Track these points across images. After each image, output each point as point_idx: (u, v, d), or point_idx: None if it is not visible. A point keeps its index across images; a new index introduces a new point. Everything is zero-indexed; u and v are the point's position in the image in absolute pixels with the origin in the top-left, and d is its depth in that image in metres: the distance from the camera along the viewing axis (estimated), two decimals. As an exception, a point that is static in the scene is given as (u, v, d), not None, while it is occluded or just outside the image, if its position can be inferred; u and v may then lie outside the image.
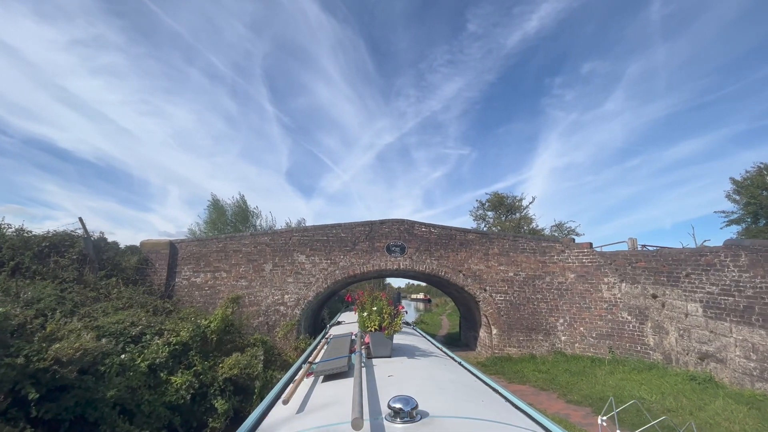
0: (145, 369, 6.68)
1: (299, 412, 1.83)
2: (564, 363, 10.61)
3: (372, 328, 3.02)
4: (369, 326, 3.04)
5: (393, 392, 1.66)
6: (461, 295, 13.79)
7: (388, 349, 2.96)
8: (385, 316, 3.03)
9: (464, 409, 1.71)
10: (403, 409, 1.43)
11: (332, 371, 2.40)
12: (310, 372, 2.57)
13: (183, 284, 11.59)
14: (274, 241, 12.14)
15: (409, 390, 1.73)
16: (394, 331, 3.02)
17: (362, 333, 3.17)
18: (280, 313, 11.68)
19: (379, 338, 2.96)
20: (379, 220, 12.67)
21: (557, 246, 12.32)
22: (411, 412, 1.44)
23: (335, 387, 2.18)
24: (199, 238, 12.08)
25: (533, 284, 12.16)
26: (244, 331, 10.37)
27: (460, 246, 12.53)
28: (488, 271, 12.33)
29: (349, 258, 12.21)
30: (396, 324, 3.05)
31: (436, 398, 1.81)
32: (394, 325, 3.03)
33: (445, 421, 1.47)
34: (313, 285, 11.91)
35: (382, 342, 2.96)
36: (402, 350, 3.21)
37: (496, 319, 11.93)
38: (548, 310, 11.96)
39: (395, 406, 1.45)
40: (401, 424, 1.43)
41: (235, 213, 23.53)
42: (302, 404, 1.94)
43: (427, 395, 1.79)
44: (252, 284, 11.78)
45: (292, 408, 1.91)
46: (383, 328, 2.99)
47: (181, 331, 7.67)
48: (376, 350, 2.94)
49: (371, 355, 2.92)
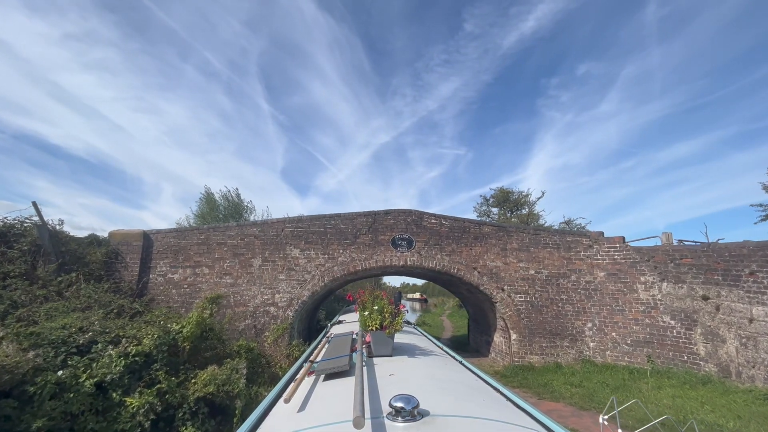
0: (92, 388, 5.21)
1: (300, 411, 1.78)
2: (596, 374, 9.23)
3: (373, 327, 2.99)
4: (370, 325, 3.01)
5: (394, 391, 1.63)
6: (473, 296, 12.39)
7: (389, 348, 2.93)
8: (386, 315, 3.01)
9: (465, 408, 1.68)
10: (405, 408, 1.42)
11: (333, 370, 2.37)
12: (311, 371, 2.54)
13: (158, 281, 10.07)
14: (264, 233, 10.66)
15: (410, 389, 1.72)
16: (395, 330, 2.99)
17: (363, 332, 3.14)
18: (270, 315, 10.20)
19: (380, 337, 2.93)
20: (383, 210, 11.23)
21: (584, 240, 10.96)
22: (412, 411, 1.43)
23: (336, 386, 2.14)
24: (177, 229, 10.58)
25: (557, 283, 10.79)
26: (226, 337, 8.90)
27: (474, 240, 11.12)
28: (506, 268, 10.94)
29: (349, 252, 10.76)
30: (397, 323, 3.02)
31: (437, 397, 1.79)
32: (395, 325, 3.00)
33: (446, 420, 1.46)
34: (308, 283, 10.44)
35: (383, 341, 2.93)
36: (403, 349, 3.19)
37: (515, 322, 10.54)
38: (574, 313, 10.59)
39: (396, 405, 1.44)
40: (402, 422, 1.41)
41: (228, 207, 21.95)
42: (303, 403, 1.90)
43: (428, 394, 1.78)
44: (238, 282, 10.30)
45: (293, 407, 1.87)
46: (384, 327, 2.96)
47: (145, 338, 6.19)
48: (377, 349, 2.91)
49: (372, 354, 2.89)
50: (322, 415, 1.68)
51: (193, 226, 10.48)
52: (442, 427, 1.40)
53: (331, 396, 1.99)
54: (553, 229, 11.13)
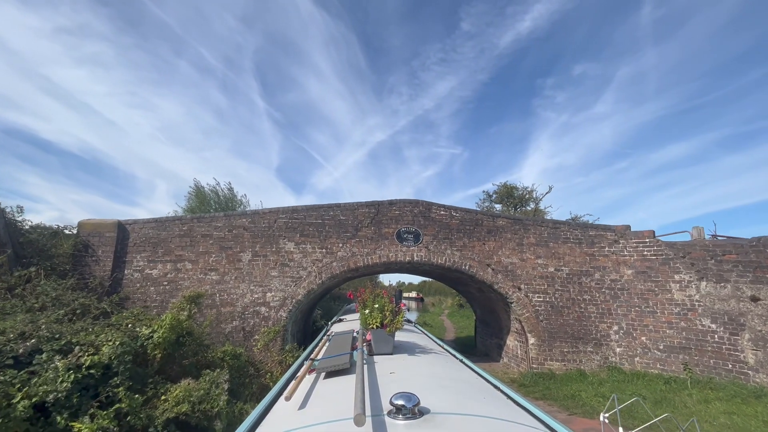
0: (28, 411, 4.11)
1: (301, 409, 1.77)
2: (627, 383, 8.24)
3: (374, 325, 2.96)
4: (371, 323, 2.98)
5: (395, 389, 1.63)
6: (483, 296, 11.37)
7: (389, 346, 2.89)
8: (386, 313, 2.99)
9: (466, 406, 1.68)
10: (405, 406, 1.42)
11: (334, 368, 2.34)
12: (312, 369, 2.52)
13: (134, 277, 8.93)
14: (255, 225, 9.55)
15: (410, 387, 1.69)
16: (395, 328, 2.96)
17: (364, 330, 3.12)
18: (261, 316, 9.10)
19: (381, 335, 2.90)
20: (387, 201, 10.16)
21: (608, 235, 9.96)
22: (413, 409, 1.43)
23: (337, 384, 2.13)
24: (157, 219, 9.46)
25: (579, 282, 9.79)
26: (210, 341, 7.80)
27: (487, 234, 10.09)
28: (523, 265, 9.92)
29: (349, 247, 9.68)
30: (398, 321, 2.99)
31: (437, 395, 1.78)
32: (395, 323, 2.97)
33: (446, 418, 1.46)
34: (303, 280, 9.35)
35: (384, 339, 2.90)
36: (404, 347, 3.16)
37: (533, 325, 9.53)
38: (599, 315, 9.59)
39: (397, 403, 1.43)
40: (403, 420, 1.41)
41: (220, 201, 20.65)
42: (304, 401, 1.89)
43: (428, 392, 1.77)
44: (225, 278, 9.18)
45: (294, 404, 1.86)
46: (385, 326, 2.93)
47: (104, 345, 5.08)
48: (377, 347, 2.88)
49: (373, 352, 2.86)
50: (322, 412, 1.66)
51: (175, 216, 9.36)
52: (442, 424, 1.40)
53: (332, 394, 1.96)
54: (574, 222, 10.15)
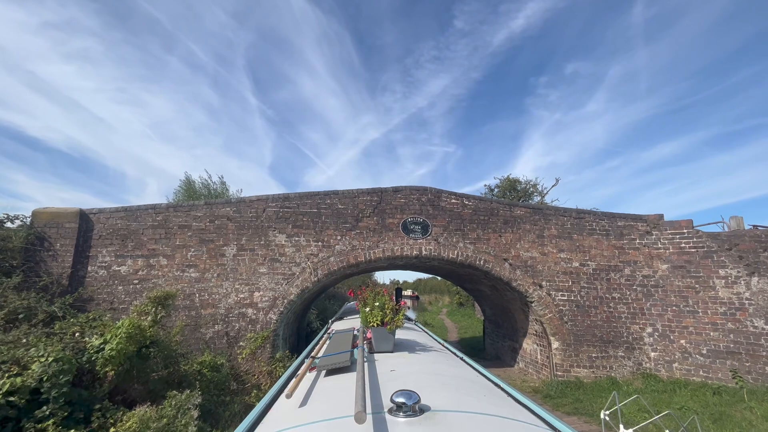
0: None
1: (302, 406, 1.77)
2: (669, 394, 7.19)
3: (374, 323, 2.94)
4: (371, 321, 2.96)
5: (395, 387, 1.63)
6: (497, 294, 10.27)
7: (390, 344, 2.89)
8: (387, 311, 2.98)
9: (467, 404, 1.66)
10: (406, 404, 1.41)
11: (335, 366, 2.33)
12: (312, 366, 2.52)
13: (99, 275, 7.68)
14: (241, 215, 8.34)
15: (411, 384, 1.72)
16: (396, 326, 2.94)
17: (364, 328, 3.12)
18: (248, 319, 7.91)
19: (382, 333, 2.89)
20: (392, 188, 9.01)
21: (639, 225, 8.91)
22: (413, 407, 1.42)
23: (338, 381, 2.13)
24: (126, 207, 8.21)
25: (607, 278, 8.73)
26: (187, 348, 6.62)
27: (504, 225, 8.98)
28: (544, 259, 8.83)
29: (349, 239, 8.51)
30: (398, 319, 2.97)
31: (438, 393, 1.78)
32: (396, 321, 2.95)
33: (447, 416, 1.46)
34: (296, 277, 8.17)
35: (385, 337, 2.89)
36: (404, 345, 3.15)
37: (557, 327, 8.45)
38: (630, 315, 8.54)
39: (398, 401, 1.43)
40: (404, 418, 1.40)
41: (210, 196, 19.26)
42: (305, 398, 1.88)
43: (429, 390, 1.77)
44: (206, 276, 7.97)
45: (295, 402, 1.85)
46: (385, 324, 2.92)
47: (34, 362, 3.88)
48: (378, 345, 2.87)
49: (373, 350, 2.86)
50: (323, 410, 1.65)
51: (148, 205, 8.13)
52: (443, 422, 1.39)
53: (333, 391, 1.94)
54: (600, 212, 9.08)
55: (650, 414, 5.82)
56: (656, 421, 3.76)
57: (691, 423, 5.23)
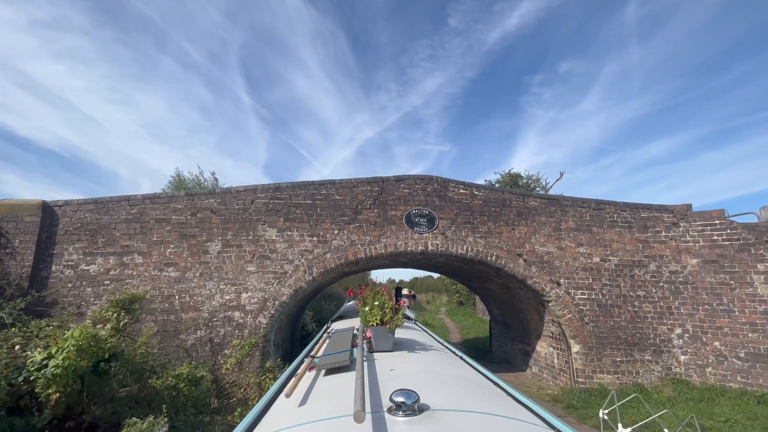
0: None
1: (301, 405, 1.75)
2: (707, 403, 6.45)
3: (374, 322, 2.91)
4: (371, 321, 2.93)
5: (395, 386, 1.60)
6: (508, 293, 9.49)
7: (389, 344, 2.85)
8: (386, 310, 2.95)
9: (466, 403, 1.65)
10: (405, 403, 1.39)
11: (334, 365, 2.30)
12: (312, 366, 2.49)
13: (65, 275, 6.80)
14: (226, 207, 7.48)
15: (410, 384, 1.71)
16: (395, 325, 2.91)
17: (364, 327, 3.09)
18: (234, 323, 7.06)
19: (381, 332, 2.86)
20: (394, 177, 8.19)
21: (665, 217, 8.16)
22: (413, 406, 1.40)
23: (337, 381, 2.10)
24: (97, 199, 7.33)
25: (631, 275, 7.97)
26: (165, 358, 5.77)
27: (517, 217, 8.20)
28: (561, 254, 8.06)
29: (347, 233, 7.69)
30: (397, 318, 2.95)
31: (437, 392, 1.76)
32: (395, 320, 2.92)
33: (446, 415, 1.43)
34: (289, 276, 7.33)
35: (384, 336, 2.86)
36: (404, 344, 3.11)
37: (577, 329, 7.67)
38: (657, 315, 7.79)
39: (397, 400, 1.41)
40: (403, 417, 1.38)
41: None
42: (304, 397, 1.85)
43: (428, 389, 1.75)
44: (187, 275, 7.11)
45: (294, 401, 1.83)
46: (385, 323, 2.89)
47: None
48: (377, 344, 2.83)
49: (373, 349, 2.82)
50: (322, 409, 1.63)
51: (121, 196, 7.26)
52: (442, 421, 1.37)
53: (332, 391, 1.92)
54: (622, 202, 8.32)
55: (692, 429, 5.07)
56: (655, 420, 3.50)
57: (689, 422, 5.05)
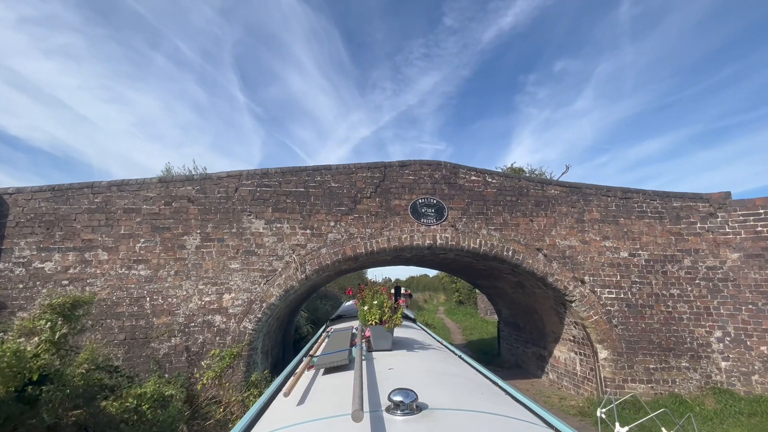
0: None
1: (300, 405, 1.73)
2: (760, 418, 5.61)
3: (372, 321, 2.90)
4: (369, 320, 2.92)
5: (393, 385, 1.60)
6: (523, 292, 8.62)
7: (388, 343, 2.83)
8: (385, 309, 2.93)
9: (465, 402, 1.64)
10: (404, 402, 1.38)
11: (333, 364, 2.29)
12: (310, 365, 2.48)
13: (15, 274, 5.81)
14: (206, 195, 6.53)
15: (409, 383, 1.70)
16: (394, 324, 2.90)
17: (363, 326, 3.08)
18: (215, 329, 6.11)
19: (380, 331, 2.84)
20: (398, 162, 7.28)
21: (700, 206, 7.33)
22: (411, 405, 1.39)
23: (336, 380, 2.09)
24: (54, 186, 6.35)
25: (663, 271, 7.13)
26: (130, 371, 4.81)
27: (536, 207, 7.32)
28: (585, 249, 7.20)
29: (345, 226, 6.77)
30: (396, 317, 2.94)
31: (436, 391, 1.75)
32: (394, 319, 2.91)
33: (445, 414, 1.43)
34: (279, 275, 6.40)
35: (383, 335, 2.84)
36: (402, 343, 3.09)
37: (605, 332, 6.82)
38: (693, 316, 6.96)
39: (395, 399, 1.40)
40: (401, 416, 1.38)
41: None
42: (303, 397, 1.84)
43: (427, 388, 1.73)
44: (160, 274, 6.15)
45: (293, 400, 1.81)
46: (384, 322, 2.88)
47: None
48: (376, 343, 2.80)
49: (372, 348, 2.79)
50: (321, 408, 1.63)
51: (83, 183, 6.27)
52: (440, 420, 1.36)
53: (331, 390, 1.92)
54: (651, 191, 7.49)
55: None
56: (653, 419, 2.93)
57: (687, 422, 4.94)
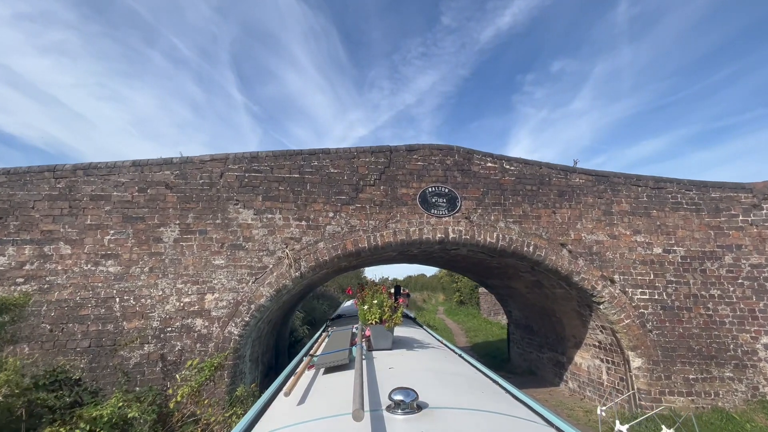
0: None
1: (300, 404, 1.75)
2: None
3: (373, 321, 2.93)
4: (370, 319, 2.94)
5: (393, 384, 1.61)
6: (536, 292, 7.85)
7: (388, 342, 2.87)
8: (385, 309, 2.96)
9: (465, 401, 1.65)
10: (404, 401, 1.39)
11: (333, 364, 2.30)
12: (311, 365, 2.50)
13: (-40, 271, 4.97)
14: (186, 181, 5.71)
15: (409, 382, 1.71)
16: (394, 323, 2.93)
17: (363, 326, 3.07)
18: (196, 335, 5.30)
19: (380, 331, 2.87)
20: (405, 146, 6.48)
21: (742, 197, 6.58)
22: (411, 404, 1.40)
23: (336, 379, 2.10)
24: (9, 170, 5.52)
25: (702, 269, 6.38)
26: (95, 384, 4.02)
27: (559, 198, 6.55)
28: (614, 244, 6.43)
29: (345, 217, 5.97)
30: (396, 317, 2.97)
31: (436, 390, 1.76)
32: (394, 318, 2.94)
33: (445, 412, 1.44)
34: (270, 272, 5.59)
35: (383, 334, 2.87)
36: (403, 343, 3.15)
37: (639, 337, 6.05)
38: (737, 320, 6.21)
39: (396, 398, 1.41)
40: (402, 415, 1.38)
41: None
42: (303, 396, 1.86)
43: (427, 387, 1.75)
44: (132, 271, 5.32)
45: (293, 400, 1.83)
46: (384, 321, 2.90)
47: None
48: (376, 343, 2.84)
49: (372, 347, 2.82)
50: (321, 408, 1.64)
51: (43, 166, 5.44)
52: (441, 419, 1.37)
53: (331, 389, 1.93)
54: (686, 180, 6.75)
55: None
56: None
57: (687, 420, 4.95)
